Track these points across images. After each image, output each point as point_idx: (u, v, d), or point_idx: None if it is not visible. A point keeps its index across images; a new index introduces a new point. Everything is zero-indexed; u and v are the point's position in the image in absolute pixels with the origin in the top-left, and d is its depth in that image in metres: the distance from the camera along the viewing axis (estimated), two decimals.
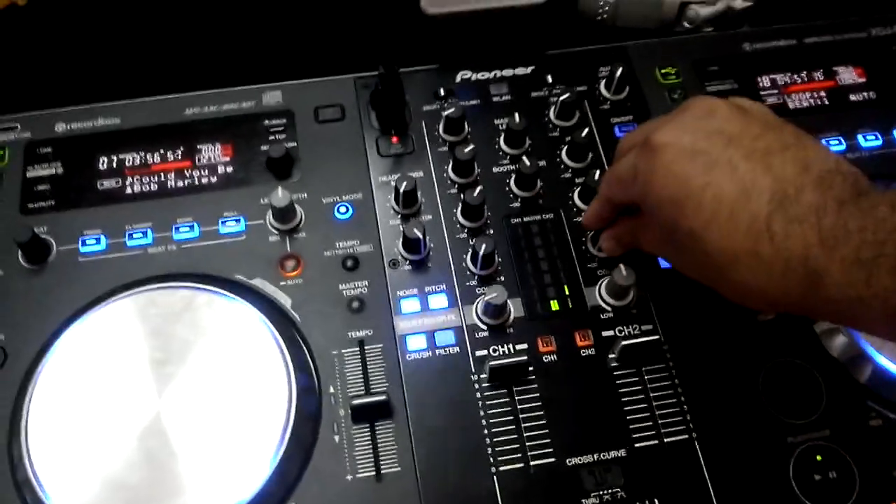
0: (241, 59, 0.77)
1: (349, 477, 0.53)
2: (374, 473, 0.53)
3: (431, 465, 0.53)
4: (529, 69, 0.70)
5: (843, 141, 0.67)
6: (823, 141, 0.67)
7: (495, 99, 0.69)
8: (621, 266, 0.57)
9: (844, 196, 0.43)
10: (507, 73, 0.70)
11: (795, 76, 0.71)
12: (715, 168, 0.46)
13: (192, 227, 0.61)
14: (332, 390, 0.55)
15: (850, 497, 0.53)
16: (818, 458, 0.54)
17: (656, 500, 0.52)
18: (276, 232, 0.61)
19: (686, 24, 0.76)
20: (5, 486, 0.52)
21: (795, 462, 0.54)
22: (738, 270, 0.46)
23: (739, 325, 0.58)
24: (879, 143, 0.68)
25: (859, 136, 0.68)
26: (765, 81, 0.71)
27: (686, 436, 0.55)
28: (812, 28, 0.74)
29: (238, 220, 0.62)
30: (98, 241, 0.60)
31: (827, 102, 0.70)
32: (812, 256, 0.42)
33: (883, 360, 0.55)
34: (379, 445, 0.54)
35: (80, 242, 0.60)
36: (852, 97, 0.70)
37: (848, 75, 0.71)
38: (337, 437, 0.54)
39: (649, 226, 0.55)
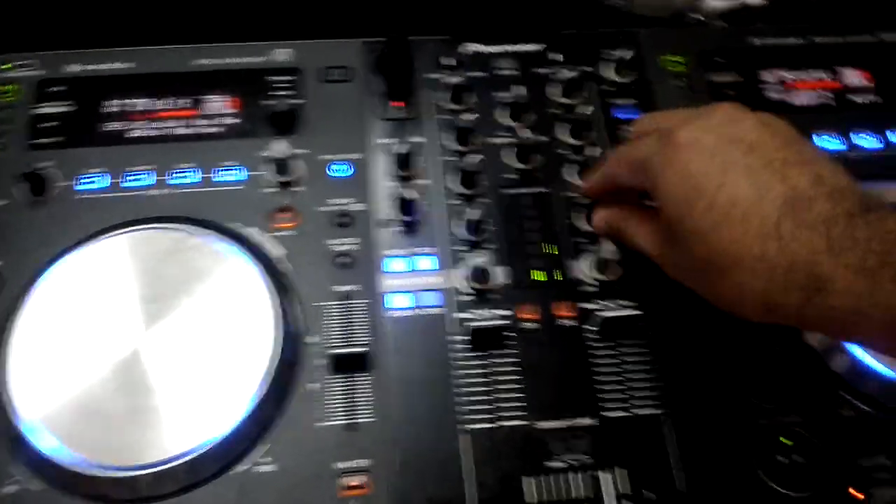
0: (253, 16, 0.78)
1: (323, 423, 0.54)
2: (347, 422, 0.54)
3: (406, 417, 0.54)
4: (539, 46, 0.71)
5: (842, 141, 0.68)
6: (823, 138, 0.68)
7: (502, 72, 0.69)
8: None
9: (854, 210, 0.44)
10: (516, 48, 0.71)
11: (800, 73, 0.71)
12: (732, 171, 0.47)
13: (193, 173, 0.62)
14: (315, 340, 0.56)
15: (814, 482, 0.53)
16: (787, 442, 0.55)
17: (623, 470, 0.53)
18: (274, 184, 0.62)
19: (700, 17, 0.77)
20: None
21: (763, 444, 0.54)
22: (741, 272, 0.46)
23: (720, 310, 0.59)
24: (881, 145, 0.68)
25: (859, 136, 0.68)
26: (768, 76, 0.71)
27: (656, 410, 0.55)
28: (821, 28, 0.74)
29: (238, 170, 0.63)
30: (100, 178, 0.62)
31: (832, 102, 0.70)
32: (818, 262, 0.43)
33: (859, 352, 0.56)
34: (356, 396, 0.55)
35: (81, 180, 0.62)
36: (857, 99, 0.70)
37: (855, 77, 0.72)
38: (315, 385, 0.55)
39: (649, 220, 0.55)
